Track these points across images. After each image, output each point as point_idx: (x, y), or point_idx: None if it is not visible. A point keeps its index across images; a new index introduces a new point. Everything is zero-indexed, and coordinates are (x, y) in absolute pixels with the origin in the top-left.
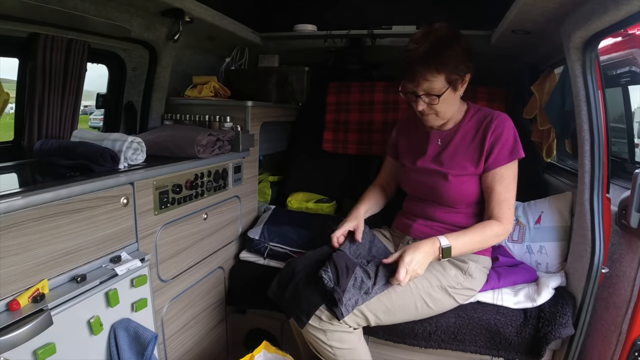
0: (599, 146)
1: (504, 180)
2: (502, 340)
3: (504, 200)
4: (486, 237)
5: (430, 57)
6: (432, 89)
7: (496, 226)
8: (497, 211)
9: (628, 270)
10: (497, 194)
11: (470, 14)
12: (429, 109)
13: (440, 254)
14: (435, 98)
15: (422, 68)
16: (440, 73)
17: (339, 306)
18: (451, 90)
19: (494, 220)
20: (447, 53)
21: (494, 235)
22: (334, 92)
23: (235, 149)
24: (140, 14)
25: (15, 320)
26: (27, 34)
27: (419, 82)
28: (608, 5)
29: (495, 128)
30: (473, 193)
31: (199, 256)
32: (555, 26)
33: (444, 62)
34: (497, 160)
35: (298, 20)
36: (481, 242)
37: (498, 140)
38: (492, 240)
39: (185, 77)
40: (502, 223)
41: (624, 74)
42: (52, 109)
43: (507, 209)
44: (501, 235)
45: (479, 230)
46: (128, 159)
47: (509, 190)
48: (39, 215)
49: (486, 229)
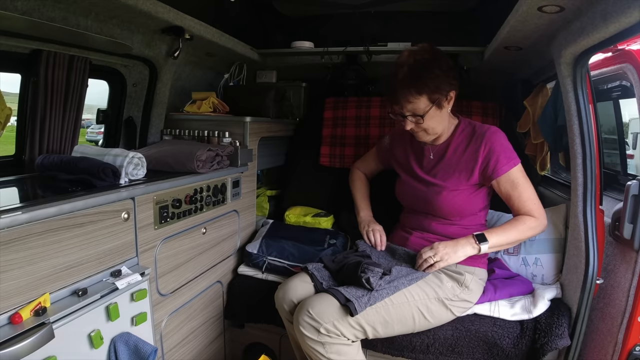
0: (590, 159)
1: (517, 184)
2: (499, 352)
3: (527, 199)
4: (521, 230)
5: (409, 81)
6: (416, 109)
7: (530, 220)
8: (527, 210)
9: (622, 281)
10: (517, 196)
11: (464, 30)
12: (417, 127)
13: (476, 241)
14: (420, 118)
15: (403, 91)
16: (421, 94)
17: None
18: (436, 108)
19: (528, 216)
20: (426, 75)
21: (530, 228)
22: (331, 107)
23: (233, 164)
24: (141, 32)
25: (18, 334)
26: (29, 50)
27: (402, 104)
28: (597, 23)
29: (486, 141)
30: (466, 205)
31: (198, 270)
32: (546, 42)
33: (423, 84)
34: (498, 170)
35: (295, 37)
36: (517, 234)
37: (492, 152)
38: (528, 232)
39: (185, 93)
40: (536, 217)
41: (614, 88)
42: (53, 124)
43: (533, 204)
44: (536, 227)
45: (513, 224)
46: (129, 174)
47: (526, 189)
48: (42, 229)
49: (519, 224)
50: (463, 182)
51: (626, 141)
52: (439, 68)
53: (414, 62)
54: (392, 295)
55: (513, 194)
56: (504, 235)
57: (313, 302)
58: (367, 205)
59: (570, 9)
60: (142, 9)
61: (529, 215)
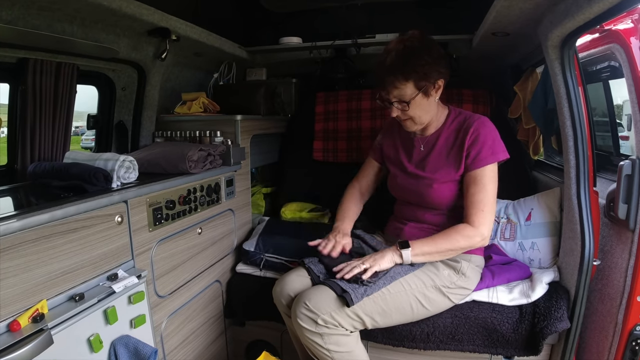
0: (582, 141)
1: (478, 182)
2: (499, 338)
3: (477, 202)
4: (453, 239)
5: (397, 66)
6: (402, 95)
7: (466, 228)
8: (469, 213)
9: (619, 262)
10: (470, 195)
11: (451, 18)
12: (403, 115)
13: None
14: (405, 105)
15: (390, 76)
16: (408, 80)
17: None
18: (422, 95)
19: (466, 224)
20: (414, 62)
21: (464, 237)
22: (322, 101)
23: (226, 163)
24: (127, 35)
25: (16, 341)
26: (16, 59)
27: (389, 89)
28: (581, 3)
29: (473, 131)
30: (457, 196)
31: (196, 270)
32: (533, 26)
33: (411, 70)
34: (475, 163)
35: (283, 33)
36: (447, 243)
37: (475, 143)
38: (462, 242)
39: (174, 94)
40: (474, 226)
41: (603, 69)
42: (44, 132)
43: (480, 210)
44: (472, 237)
45: (445, 232)
46: (121, 177)
47: (484, 191)
48: (36, 236)
49: (452, 232)
50: (452, 174)
51: (620, 123)
52: (429, 55)
53: (403, 48)
54: (388, 285)
55: (470, 189)
56: (431, 243)
57: (310, 294)
58: (343, 217)
59: None
60: (127, 12)
61: (469, 220)
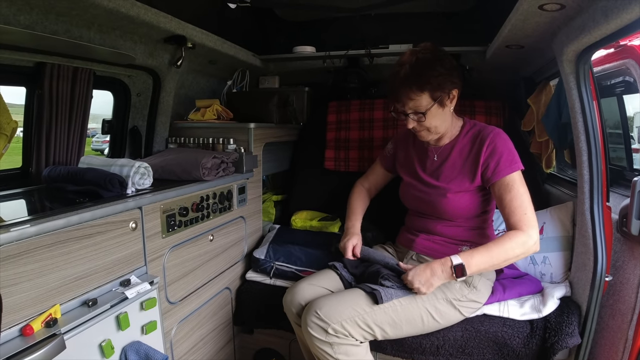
0: (596, 156)
1: (510, 189)
2: (509, 352)
3: (517, 207)
4: (507, 248)
5: (411, 79)
6: (418, 106)
7: (517, 234)
8: (513, 221)
9: (632, 277)
10: (506, 204)
11: (465, 30)
12: (419, 126)
13: (453, 272)
14: (422, 116)
15: (405, 89)
16: (423, 92)
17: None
18: (438, 106)
19: (514, 231)
20: (429, 73)
21: (518, 244)
22: (334, 110)
23: (239, 170)
24: (143, 42)
25: (29, 345)
26: (33, 64)
27: (404, 101)
28: (598, 19)
29: (489, 142)
30: (470, 207)
31: (206, 277)
32: (548, 40)
33: (425, 81)
34: (497, 173)
35: (297, 42)
36: (503, 253)
37: (493, 155)
38: (517, 249)
39: (188, 101)
40: (523, 230)
41: (618, 84)
42: (59, 136)
43: (523, 214)
44: (525, 242)
45: (497, 242)
46: (135, 183)
47: (519, 196)
48: (51, 241)
49: (505, 239)
50: (467, 184)
51: (632, 135)
52: (442, 66)
53: (416, 60)
54: (401, 296)
55: (505, 197)
56: (486, 255)
57: (321, 303)
58: (354, 217)
59: (570, 6)
60: (144, 19)
61: (516, 227)
